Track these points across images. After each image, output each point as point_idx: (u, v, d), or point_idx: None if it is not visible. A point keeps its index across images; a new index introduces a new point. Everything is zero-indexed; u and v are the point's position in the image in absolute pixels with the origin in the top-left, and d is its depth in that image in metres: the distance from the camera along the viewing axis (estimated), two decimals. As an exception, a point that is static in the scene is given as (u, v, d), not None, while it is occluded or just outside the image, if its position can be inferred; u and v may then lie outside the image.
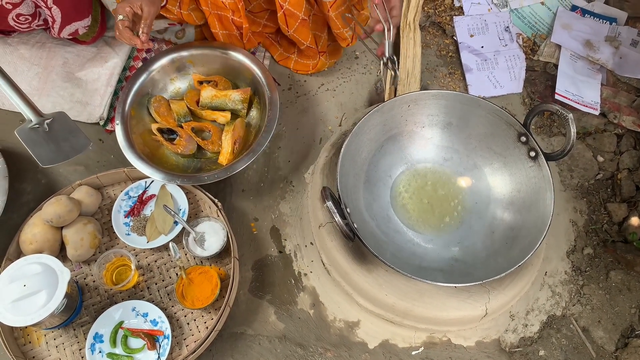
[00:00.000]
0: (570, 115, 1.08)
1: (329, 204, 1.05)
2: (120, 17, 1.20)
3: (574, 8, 1.77)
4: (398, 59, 1.21)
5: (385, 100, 1.35)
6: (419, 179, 1.31)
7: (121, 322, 1.17)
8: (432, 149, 1.32)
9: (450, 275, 1.16)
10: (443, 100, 1.25)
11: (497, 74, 1.67)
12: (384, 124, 1.25)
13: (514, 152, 1.22)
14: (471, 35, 1.74)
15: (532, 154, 1.19)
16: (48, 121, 1.16)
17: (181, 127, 1.40)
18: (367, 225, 1.20)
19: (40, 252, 1.19)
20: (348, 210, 1.09)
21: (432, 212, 1.28)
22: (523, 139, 1.20)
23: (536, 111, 1.16)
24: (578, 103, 1.59)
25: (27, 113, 1.15)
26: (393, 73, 1.27)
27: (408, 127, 1.29)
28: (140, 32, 1.21)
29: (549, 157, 1.16)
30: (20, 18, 1.34)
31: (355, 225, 1.07)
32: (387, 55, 1.25)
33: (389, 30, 1.21)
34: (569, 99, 1.59)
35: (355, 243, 1.22)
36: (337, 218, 1.04)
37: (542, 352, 1.28)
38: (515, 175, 1.24)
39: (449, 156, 1.32)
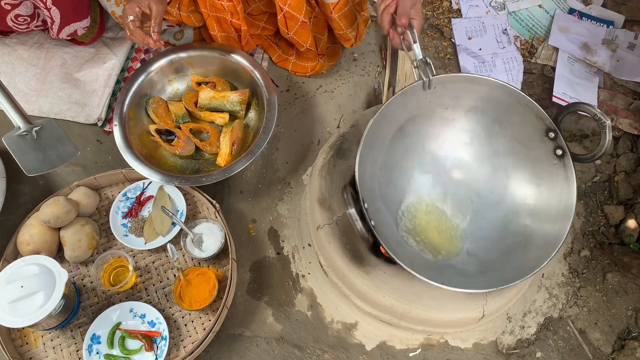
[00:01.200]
0: (609, 122, 1.03)
1: (352, 211, 1.02)
2: (131, 17, 1.20)
3: (571, 11, 1.78)
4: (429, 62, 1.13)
5: (383, 102, 1.33)
6: (436, 164, 1.27)
7: (119, 324, 1.17)
8: (453, 133, 1.27)
9: (464, 275, 1.13)
10: (469, 84, 1.18)
11: (495, 77, 1.66)
12: (405, 105, 1.18)
13: (540, 146, 1.16)
14: (469, 38, 1.75)
15: (559, 152, 1.13)
16: (36, 129, 1.14)
17: (179, 128, 1.40)
18: (381, 215, 1.15)
19: (38, 253, 1.18)
20: (366, 205, 1.04)
21: (444, 200, 1.24)
22: (551, 134, 1.13)
23: (571, 110, 1.10)
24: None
25: (16, 120, 1.14)
26: (427, 79, 1.11)
27: (431, 108, 1.22)
28: (152, 31, 1.22)
29: (576, 159, 1.11)
30: (19, 19, 1.34)
31: (373, 223, 1.03)
32: (417, 56, 1.11)
33: (412, 27, 1.11)
34: (566, 102, 1.59)
35: (352, 244, 1.22)
36: (359, 226, 1.02)
37: (539, 354, 1.29)
38: (537, 170, 1.18)
39: (470, 141, 1.26)
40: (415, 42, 1.10)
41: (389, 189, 1.22)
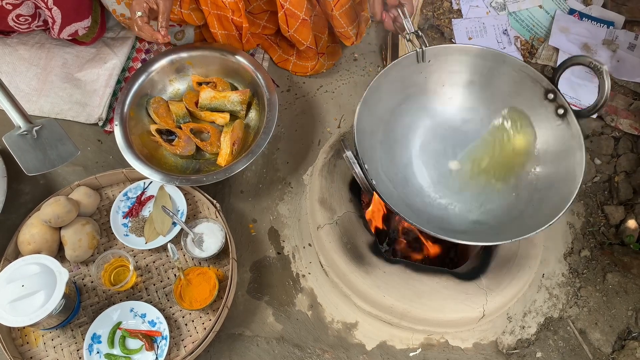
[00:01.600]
0: (605, 67, 1.00)
1: (348, 153, 0.98)
2: (139, 13, 1.20)
3: (571, 11, 1.78)
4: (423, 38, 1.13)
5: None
6: (438, 140, 1.24)
7: (119, 323, 1.17)
8: (452, 109, 1.24)
9: (474, 236, 1.10)
10: (465, 55, 1.17)
11: (495, 77, 1.67)
12: (402, 80, 1.17)
13: (541, 111, 1.13)
14: (469, 38, 1.75)
15: (561, 111, 1.10)
16: (37, 128, 1.15)
17: (180, 128, 1.40)
18: (384, 186, 1.12)
19: (39, 253, 1.19)
20: (366, 166, 1.02)
21: (450, 175, 1.21)
22: (550, 96, 1.11)
23: (568, 64, 1.07)
24: (575, 106, 1.59)
25: (17, 119, 1.14)
26: (420, 49, 1.13)
27: (428, 85, 1.21)
28: (159, 26, 1.22)
29: (579, 115, 1.07)
30: (20, 19, 1.34)
31: (374, 182, 1.01)
32: (408, 31, 1.13)
33: (402, 5, 1.14)
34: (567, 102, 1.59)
35: (353, 244, 1.23)
36: (357, 169, 0.98)
37: (539, 354, 1.29)
38: (541, 135, 1.15)
39: (471, 116, 1.24)
40: (406, 17, 1.13)
41: (391, 165, 1.20)
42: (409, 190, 1.18)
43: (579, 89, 1.63)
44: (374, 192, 1.01)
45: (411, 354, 1.27)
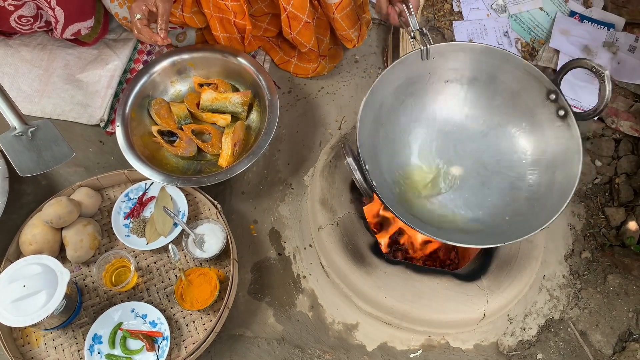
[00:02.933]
0: (607, 72, 1.02)
1: (350, 160, 0.99)
2: (138, 16, 1.21)
3: (572, 14, 1.79)
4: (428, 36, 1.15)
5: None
6: (439, 138, 1.24)
7: (120, 324, 1.17)
8: (454, 106, 1.24)
9: (471, 236, 1.11)
10: (470, 53, 1.17)
11: (496, 79, 1.68)
12: (405, 78, 1.17)
13: (542, 110, 1.14)
14: (470, 40, 1.75)
15: (562, 112, 1.10)
16: (32, 129, 1.14)
17: (181, 129, 1.40)
18: (385, 184, 1.14)
19: (40, 253, 1.19)
20: (367, 167, 1.02)
21: (450, 173, 1.21)
22: (552, 96, 1.11)
23: (570, 67, 1.08)
24: (576, 108, 1.60)
25: (12, 120, 1.13)
26: (424, 47, 1.13)
27: (431, 81, 1.21)
28: (159, 29, 1.23)
29: (579, 117, 1.08)
30: (22, 20, 1.35)
31: (374, 183, 1.01)
32: (413, 28, 1.14)
33: (407, 0, 1.14)
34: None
35: (353, 245, 1.23)
36: (357, 175, 0.99)
37: (540, 356, 1.29)
38: (541, 135, 1.16)
39: (472, 113, 1.24)
40: (411, 14, 1.13)
41: (392, 162, 1.20)
42: (408, 190, 1.18)
43: (579, 90, 1.63)
44: (375, 195, 1.01)
45: (412, 355, 1.27)
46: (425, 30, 1.12)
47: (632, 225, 1.44)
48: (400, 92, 1.18)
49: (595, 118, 1.57)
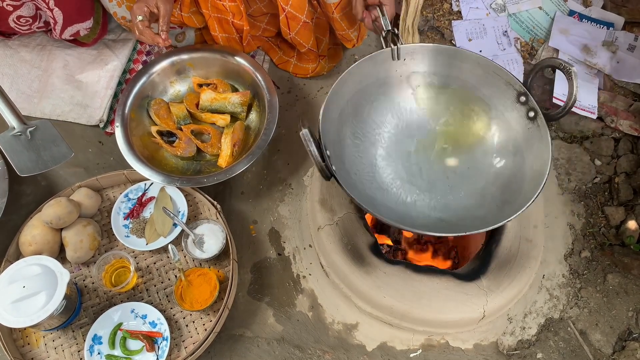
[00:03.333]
0: (574, 69, 1.04)
1: (305, 131, 0.96)
2: (140, 17, 1.21)
3: (571, 13, 1.79)
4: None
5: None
6: (409, 141, 1.25)
7: (120, 324, 1.17)
8: (425, 110, 1.26)
9: (434, 228, 1.12)
10: (441, 56, 1.19)
11: (495, 78, 1.68)
12: (377, 76, 1.20)
13: (512, 114, 1.17)
14: (469, 40, 1.75)
15: (532, 114, 1.13)
16: (31, 129, 1.14)
17: (181, 129, 1.40)
18: (350, 180, 1.13)
19: (40, 254, 1.19)
20: (328, 152, 1.02)
21: (419, 176, 1.22)
22: (522, 99, 1.14)
23: (538, 67, 1.11)
24: (576, 107, 1.60)
25: (11, 120, 1.13)
26: (395, 46, 1.17)
27: (402, 83, 1.23)
28: (160, 30, 1.24)
29: (548, 117, 1.10)
30: (21, 20, 1.35)
31: (334, 168, 1.01)
32: (385, 29, 1.18)
33: (382, 5, 1.18)
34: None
35: (353, 245, 1.23)
36: (312, 147, 0.96)
37: (539, 355, 1.29)
38: (511, 138, 1.18)
39: (444, 118, 1.26)
40: (384, 15, 1.17)
41: (358, 160, 1.20)
42: (375, 185, 1.19)
43: (579, 89, 1.62)
44: (333, 178, 1.01)
45: (412, 355, 1.27)
46: (397, 31, 1.16)
47: (631, 224, 1.44)
48: (371, 91, 1.20)
49: (596, 116, 1.57)
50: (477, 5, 1.80)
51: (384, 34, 1.16)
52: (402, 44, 1.15)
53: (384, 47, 1.15)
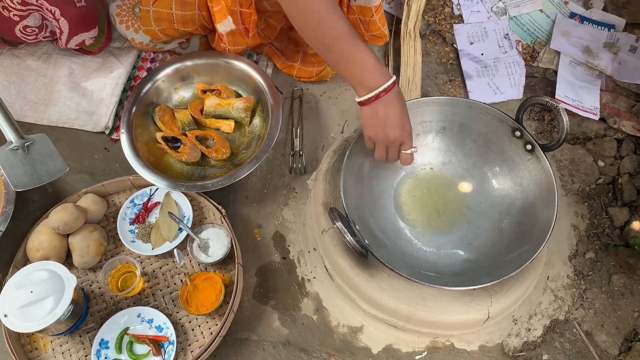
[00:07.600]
0: (561, 105, 1.12)
1: (339, 224, 1.05)
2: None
3: (572, 15, 1.79)
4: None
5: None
6: (421, 186, 1.32)
7: (127, 328, 1.18)
8: (430, 155, 1.34)
9: (466, 277, 1.16)
10: (433, 105, 1.28)
11: (497, 81, 1.69)
12: None
13: (511, 147, 1.25)
14: (471, 43, 1.76)
15: (529, 147, 1.22)
16: (28, 143, 1.14)
17: (185, 135, 1.42)
18: (377, 240, 1.20)
19: (47, 259, 1.20)
20: (357, 227, 1.09)
21: (438, 217, 1.29)
22: (517, 133, 1.22)
23: (527, 104, 1.18)
24: (578, 108, 1.60)
25: (9, 134, 1.13)
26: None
27: None
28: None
29: (545, 148, 1.19)
30: (27, 30, 1.37)
31: (367, 242, 1.08)
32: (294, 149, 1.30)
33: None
34: (568, 105, 1.60)
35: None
36: (349, 237, 1.05)
37: (545, 357, 1.29)
38: (515, 170, 1.26)
39: (448, 159, 1.34)
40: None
41: (381, 216, 1.28)
42: (401, 239, 1.26)
43: (580, 90, 1.63)
44: (370, 254, 1.08)
45: (417, 357, 1.27)
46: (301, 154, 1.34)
47: (636, 225, 1.43)
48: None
49: (598, 117, 1.58)
50: (479, 9, 1.82)
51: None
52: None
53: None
